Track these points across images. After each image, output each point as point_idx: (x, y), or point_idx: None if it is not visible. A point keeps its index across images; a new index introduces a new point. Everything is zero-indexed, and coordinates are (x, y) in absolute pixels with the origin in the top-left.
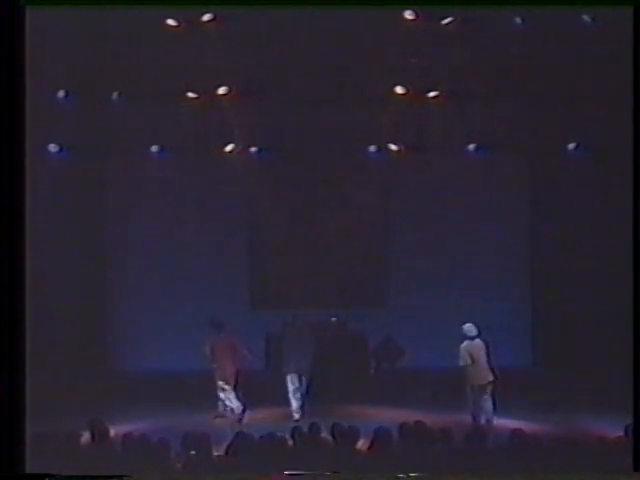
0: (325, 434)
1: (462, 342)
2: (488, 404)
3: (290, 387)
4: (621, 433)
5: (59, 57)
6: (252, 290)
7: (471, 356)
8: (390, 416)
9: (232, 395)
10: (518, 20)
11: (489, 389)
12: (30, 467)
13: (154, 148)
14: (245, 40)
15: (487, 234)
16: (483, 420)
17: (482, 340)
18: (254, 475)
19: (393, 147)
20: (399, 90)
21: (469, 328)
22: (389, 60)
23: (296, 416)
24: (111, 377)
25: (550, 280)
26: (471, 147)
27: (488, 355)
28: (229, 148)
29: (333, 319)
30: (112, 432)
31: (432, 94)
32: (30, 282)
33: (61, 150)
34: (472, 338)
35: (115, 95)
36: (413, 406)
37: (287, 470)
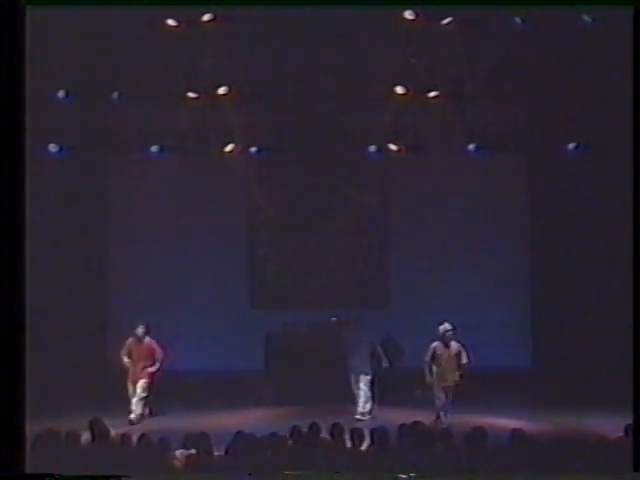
0: (325, 434)
1: (451, 341)
2: (448, 405)
3: (362, 388)
4: (621, 433)
5: (59, 57)
6: (252, 290)
7: (434, 355)
8: (390, 416)
9: (137, 400)
10: (518, 20)
11: (450, 391)
12: (30, 467)
13: (154, 148)
14: (245, 40)
15: (487, 234)
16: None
17: (456, 343)
18: (254, 475)
19: (393, 147)
20: (399, 90)
21: (445, 327)
22: (389, 60)
23: (365, 410)
24: (111, 377)
25: (550, 280)
26: (471, 147)
27: (458, 358)
28: (229, 148)
29: (333, 319)
30: (112, 432)
31: (432, 94)
32: (30, 282)
33: (61, 150)
34: (446, 338)
35: (115, 95)
36: (412, 406)
37: (287, 470)
